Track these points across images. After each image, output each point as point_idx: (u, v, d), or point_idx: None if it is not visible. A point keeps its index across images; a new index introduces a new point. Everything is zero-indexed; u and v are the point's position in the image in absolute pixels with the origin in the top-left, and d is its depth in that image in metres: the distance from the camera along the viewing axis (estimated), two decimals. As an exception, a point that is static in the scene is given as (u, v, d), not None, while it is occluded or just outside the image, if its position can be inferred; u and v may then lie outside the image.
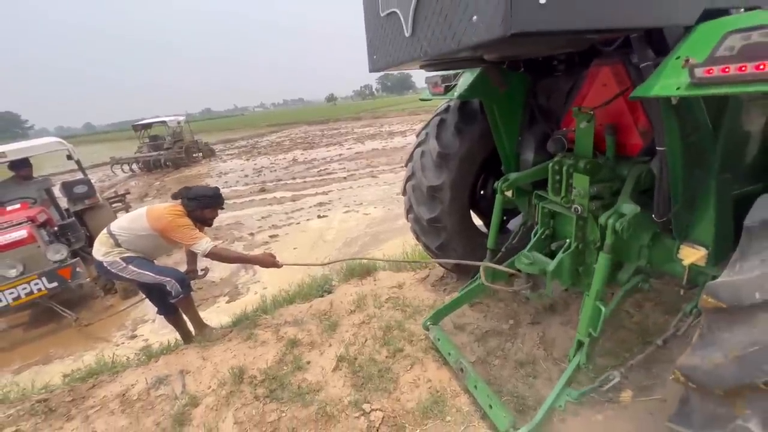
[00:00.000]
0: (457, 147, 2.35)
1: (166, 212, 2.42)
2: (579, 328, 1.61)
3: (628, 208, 1.58)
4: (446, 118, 2.45)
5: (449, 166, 2.36)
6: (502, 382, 1.90)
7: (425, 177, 2.42)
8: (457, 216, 2.49)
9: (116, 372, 2.37)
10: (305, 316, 2.67)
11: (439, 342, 2.11)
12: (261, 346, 2.37)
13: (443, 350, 2.05)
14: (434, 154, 2.37)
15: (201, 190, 2.52)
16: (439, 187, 2.37)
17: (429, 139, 2.47)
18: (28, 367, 3.59)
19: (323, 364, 2.15)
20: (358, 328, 2.46)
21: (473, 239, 2.62)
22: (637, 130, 1.74)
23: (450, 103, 2.48)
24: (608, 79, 1.77)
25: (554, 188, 1.89)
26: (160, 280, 2.47)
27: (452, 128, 2.38)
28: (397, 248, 5.33)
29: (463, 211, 2.53)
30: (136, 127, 16.22)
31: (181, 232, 2.39)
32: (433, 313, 2.25)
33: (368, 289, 2.98)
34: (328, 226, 6.70)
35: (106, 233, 2.51)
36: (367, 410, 1.80)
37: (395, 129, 21.26)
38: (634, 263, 1.79)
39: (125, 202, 8.03)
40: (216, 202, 2.55)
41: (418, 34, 1.35)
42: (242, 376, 2.09)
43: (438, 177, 2.37)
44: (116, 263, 2.43)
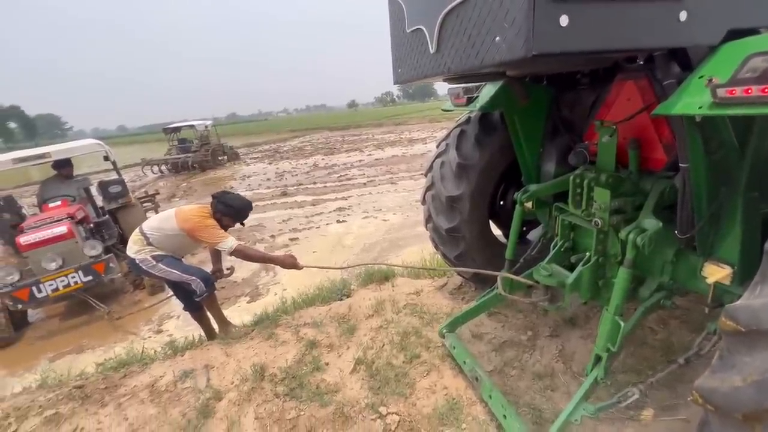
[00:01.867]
0: (477, 158, 2.38)
1: (192, 214, 2.56)
2: (597, 342, 1.61)
3: (650, 223, 1.57)
4: (467, 129, 2.49)
5: (469, 176, 2.39)
6: (519, 393, 1.91)
7: (444, 187, 2.45)
8: (476, 226, 2.51)
9: (145, 363, 2.50)
10: (324, 319, 2.74)
11: (455, 350, 2.12)
12: (281, 346, 2.45)
13: (458, 358, 2.07)
14: (454, 165, 2.41)
15: (232, 199, 2.64)
16: (459, 198, 2.40)
17: (449, 150, 2.50)
18: (62, 356, 3.81)
19: (341, 366, 2.20)
20: (376, 332, 2.51)
21: (492, 249, 2.63)
22: (661, 144, 1.74)
23: (471, 115, 2.52)
24: (632, 93, 1.78)
25: (575, 201, 1.90)
26: (186, 278, 2.59)
27: (473, 139, 2.41)
28: (415, 255, 5.37)
29: (482, 221, 2.55)
30: (166, 130, 16.92)
31: (207, 232, 2.51)
32: (450, 320, 2.26)
33: (386, 294, 3.02)
34: (347, 231, 6.80)
35: (138, 233, 2.66)
36: (383, 413, 1.84)
37: (415, 136, 21.34)
38: (656, 279, 1.77)
39: (155, 202, 8.39)
40: (238, 216, 2.67)
41: (443, 51, 1.40)
42: (263, 374, 2.17)
43: (457, 187, 2.40)
44: (147, 261, 2.57)
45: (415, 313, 2.67)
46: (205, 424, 1.89)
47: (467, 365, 1.99)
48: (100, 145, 5.98)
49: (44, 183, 5.52)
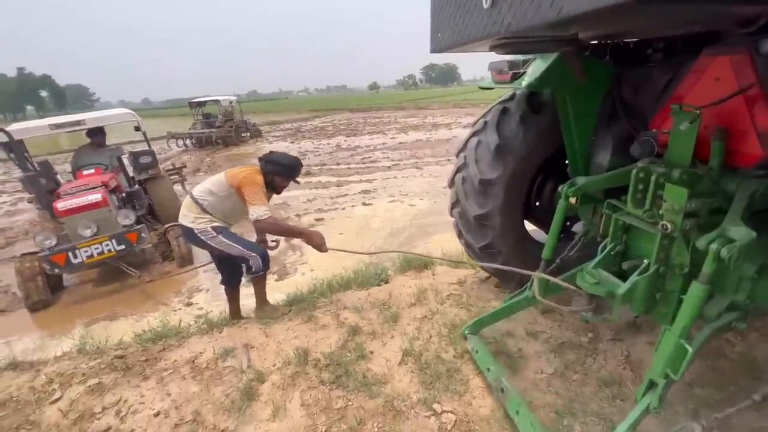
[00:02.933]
0: (519, 140, 2.16)
1: (241, 170, 2.46)
2: (654, 365, 1.38)
3: (739, 233, 1.30)
4: (510, 107, 2.25)
5: (507, 160, 2.17)
6: (584, 400, 1.76)
7: (479, 169, 2.24)
8: (509, 217, 2.29)
9: (183, 337, 2.46)
10: (364, 304, 2.63)
11: (477, 354, 1.94)
12: (322, 330, 2.36)
13: (481, 364, 1.89)
14: (492, 146, 2.18)
15: (280, 157, 2.53)
16: (493, 182, 2.19)
17: (487, 129, 2.27)
18: (97, 321, 3.86)
19: (387, 356, 2.09)
20: (420, 322, 2.39)
21: (521, 244, 2.42)
22: (757, 136, 1.44)
23: (516, 92, 2.25)
24: (725, 71, 1.47)
25: (635, 199, 1.61)
26: (246, 254, 2.48)
27: (516, 119, 2.18)
28: (445, 243, 5.21)
29: (515, 211, 2.33)
30: (191, 104, 16.98)
31: (250, 188, 2.37)
32: (474, 321, 2.10)
33: (427, 282, 2.89)
34: (373, 214, 6.67)
35: (190, 200, 2.54)
36: (438, 411, 1.73)
37: (439, 121, 20.85)
38: (728, 297, 1.51)
39: (182, 175, 8.42)
40: (289, 173, 2.54)
41: (501, 4, 1.13)
42: (306, 358, 2.08)
43: (493, 170, 2.19)
44: (207, 231, 2.45)
45: (461, 304, 2.53)
46: (250, 407, 1.82)
47: (491, 374, 1.80)
48: (132, 115, 5.96)
49: (78, 151, 5.54)
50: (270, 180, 2.49)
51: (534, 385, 1.86)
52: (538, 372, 1.93)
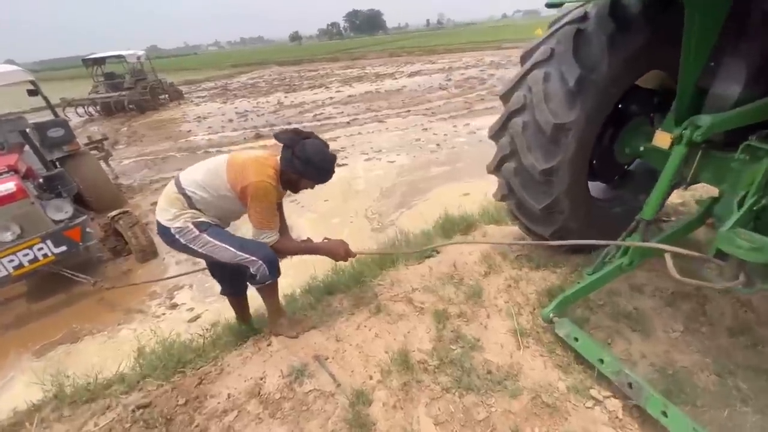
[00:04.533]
0: (604, 69, 1.73)
1: (254, 171, 1.67)
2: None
3: None
4: (587, 28, 1.78)
5: (587, 96, 1.74)
6: (728, 354, 1.60)
7: (550, 110, 1.78)
8: (578, 169, 1.93)
9: (214, 358, 1.88)
10: (430, 281, 2.23)
11: (579, 343, 1.56)
12: (401, 321, 1.94)
13: (588, 355, 1.53)
14: (571, 79, 1.73)
15: (316, 151, 1.70)
16: (568, 126, 1.77)
17: (558, 58, 1.79)
18: (52, 348, 2.98)
19: (500, 341, 1.76)
20: (508, 293, 2.07)
21: (588, 209, 2.12)
22: None
23: (589, 9, 1.82)
24: None
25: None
26: (244, 258, 1.73)
27: (602, 41, 1.72)
28: (445, 197, 4.91)
29: (584, 162, 1.96)
30: (86, 61, 13.88)
31: (259, 206, 1.70)
32: (558, 301, 1.70)
33: (484, 246, 2.56)
34: (353, 175, 6.09)
35: (174, 190, 1.75)
36: (598, 397, 1.46)
37: (381, 71, 19.84)
38: None
39: (103, 150, 6.91)
40: (321, 176, 1.79)
41: None
42: (408, 362, 1.66)
43: (569, 111, 1.74)
44: (186, 230, 1.71)
45: (540, 265, 2.25)
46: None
47: (608, 366, 1.45)
48: (24, 73, 4.50)
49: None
50: (291, 180, 1.77)
51: (672, 345, 1.67)
52: (669, 330, 1.75)
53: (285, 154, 1.72)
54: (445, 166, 6.06)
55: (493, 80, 13.13)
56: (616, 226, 2.34)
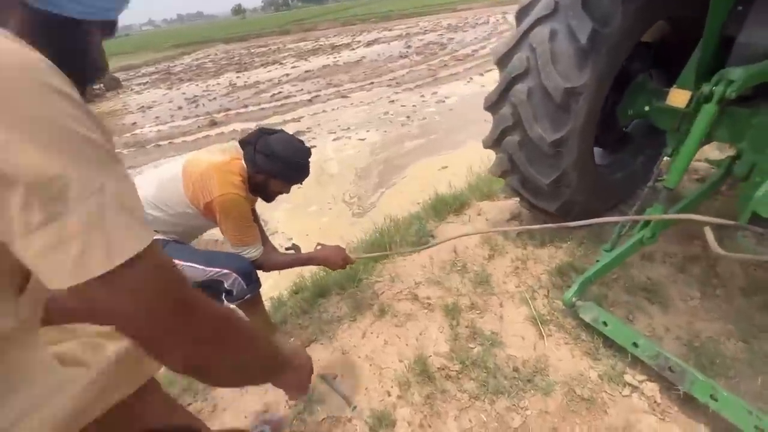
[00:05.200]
0: (617, 23, 1.55)
1: (218, 182, 1.37)
2: None
3: None
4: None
5: (599, 55, 1.56)
6: (746, 317, 1.56)
7: (559, 73, 1.59)
8: (587, 137, 1.79)
9: (204, 391, 1.65)
10: (432, 271, 2.07)
11: (609, 328, 1.45)
12: (410, 322, 1.77)
13: (622, 340, 1.41)
14: (583, 36, 1.54)
15: (283, 145, 1.44)
16: (579, 90, 1.60)
17: (565, 12, 1.58)
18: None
19: (520, 333, 1.64)
20: (517, 276, 1.95)
21: (594, 178, 1.99)
22: None
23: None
24: None
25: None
26: (215, 273, 1.47)
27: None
28: (423, 172, 4.73)
29: (592, 129, 1.81)
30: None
31: (232, 223, 1.45)
32: (579, 284, 1.56)
33: (481, 226, 2.41)
34: (324, 157, 5.74)
35: None
36: (634, 383, 1.37)
37: (336, 42, 18.89)
38: None
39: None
40: (295, 175, 1.52)
41: None
42: (427, 370, 1.51)
43: (581, 72, 1.56)
44: None
45: (546, 242, 2.13)
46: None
47: (643, 349, 1.35)
48: None
49: None
50: (259, 184, 1.49)
51: (693, 314, 1.62)
52: (686, 298, 1.69)
53: (247, 153, 1.43)
54: (418, 139, 5.84)
55: (454, 44, 12.80)
56: (618, 192, 2.27)
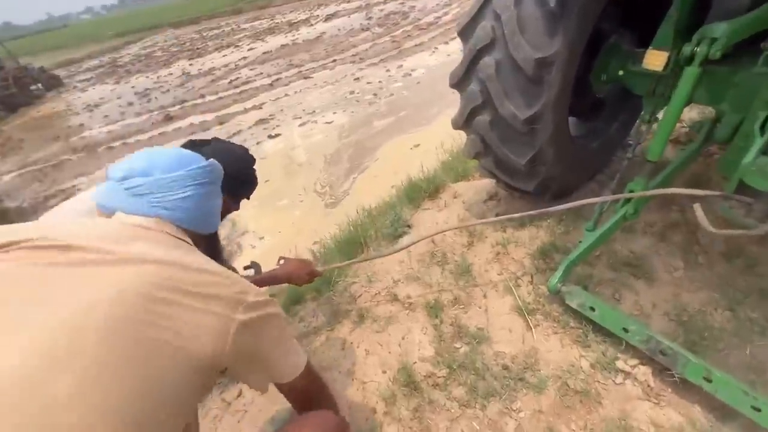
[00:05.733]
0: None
1: None
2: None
3: None
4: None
5: (570, 19, 1.40)
6: (729, 281, 1.52)
7: (528, 42, 1.43)
8: (561, 110, 1.65)
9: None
10: (411, 265, 1.95)
11: (597, 313, 1.37)
12: (391, 326, 1.66)
13: (611, 325, 1.35)
14: (551, 0, 1.37)
15: (226, 158, 1.03)
16: (550, 60, 1.43)
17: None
18: None
19: (505, 325, 1.55)
20: (499, 263, 1.85)
21: (570, 151, 1.86)
22: None
23: None
24: None
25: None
26: None
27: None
28: (395, 152, 4.56)
29: (566, 100, 1.67)
30: None
31: None
32: (563, 268, 1.47)
33: (459, 210, 2.30)
34: (290, 145, 5.47)
35: None
36: (627, 369, 1.32)
37: (293, 18, 17.88)
38: None
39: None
40: (247, 190, 1.29)
41: None
42: (413, 379, 1.41)
43: (552, 39, 1.40)
44: None
45: (526, 223, 2.03)
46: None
47: (634, 334, 1.29)
48: None
49: None
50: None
51: (678, 286, 1.57)
52: (671, 269, 1.65)
53: None
54: (387, 117, 5.62)
55: (416, 13, 12.31)
56: (595, 162, 2.18)
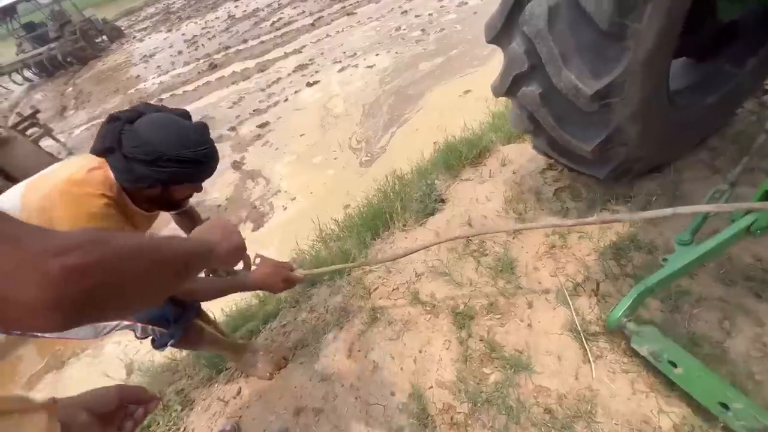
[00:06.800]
0: None
1: (62, 209, 0.89)
2: None
3: None
4: None
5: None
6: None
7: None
8: (651, 75, 1.09)
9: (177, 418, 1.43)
10: (438, 254, 1.60)
11: (680, 373, 0.95)
12: (408, 333, 1.37)
13: (700, 394, 0.93)
14: None
15: (170, 136, 0.90)
16: (633, 19, 0.93)
17: None
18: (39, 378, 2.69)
19: (553, 349, 1.19)
20: (552, 258, 1.43)
21: (663, 123, 1.27)
22: None
23: None
24: None
25: None
26: (113, 328, 1.07)
27: None
28: (442, 101, 3.98)
29: (662, 62, 1.12)
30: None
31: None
32: (636, 295, 1.04)
33: (504, 184, 1.84)
34: (328, 94, 5.05)
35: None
36: None
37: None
38: None
39: (40, 125, 5.94)
40: (207, 171, 1.00)
41: None
42: (425, 410, 1.14)
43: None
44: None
45: (596, 204, 1.55)
46: None
47: (737, 415, 0.87)
48: None
49: None
50: (156, 195, 1.00)
51: None
52: None
53: (113, 163, 0.92)
54: (436, 57, 4.90)
55: None
56: (708, 122, 1.55)
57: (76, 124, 7.53)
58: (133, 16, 18.85)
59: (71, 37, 11.60)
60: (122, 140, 0.88)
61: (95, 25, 12.97)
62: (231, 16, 11.25)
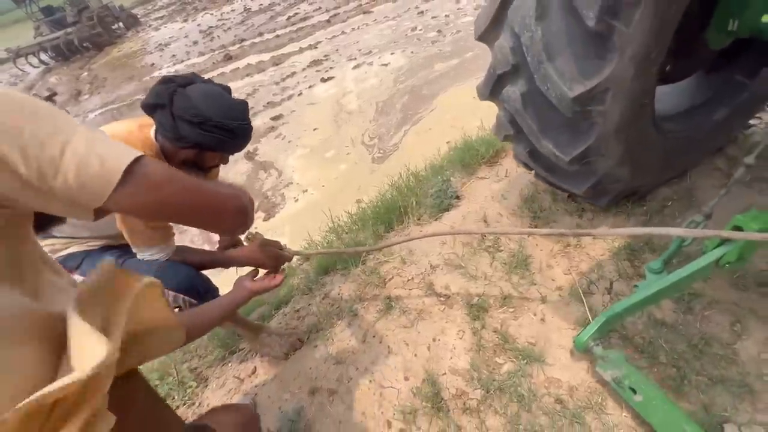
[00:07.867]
0: None
1: None
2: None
3: None
4: None
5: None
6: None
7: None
8: (640, 81, 1.03)
9: (193, 394, 1.47)
10: (454, 248, 1.63)
11: (641, 401, 0.96)
12: (422, 322, 1.41)
13: (662, 425, 0.92)
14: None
15: (216, 105, 0.98)
16: (634, 4, 0.89)
17: None
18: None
19: (567, 344, 1.22)
20: (566, 257, 1.46)
21: (648, 143, 1.25)
22: None
23: None
24: None
25: None
26: None
27: None
28: (456, 102, 4.01)
29: (652, 67, 1.05)
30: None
31: (128, 219, 1.04)
32: (601, 322, 1.04)
33: (521, 182, 1.87)
34: (342, 90, 5.10)
35: None
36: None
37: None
38: None
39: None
40: (240, 145, 1.10)
41: None
42: (439, 395, 1.17)
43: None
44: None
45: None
46: None
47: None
48: None
49: None
50: (189, 158, 1.05)
51: None
52: None
53: (160, 119, 0.99)
54: (451, 59, 4.94)
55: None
56: (702, 146, 1.53)
57: (90, 109, 7.61)
58: (150, 4, 18.99)
59: (88, 22, 11.73)
60: (174, 100, 0.94)
61: (112, 11, 13.10)
62: (247, 9, 11.32)
